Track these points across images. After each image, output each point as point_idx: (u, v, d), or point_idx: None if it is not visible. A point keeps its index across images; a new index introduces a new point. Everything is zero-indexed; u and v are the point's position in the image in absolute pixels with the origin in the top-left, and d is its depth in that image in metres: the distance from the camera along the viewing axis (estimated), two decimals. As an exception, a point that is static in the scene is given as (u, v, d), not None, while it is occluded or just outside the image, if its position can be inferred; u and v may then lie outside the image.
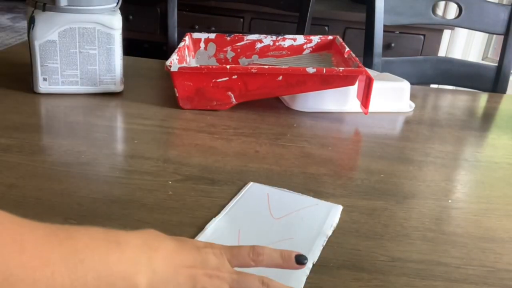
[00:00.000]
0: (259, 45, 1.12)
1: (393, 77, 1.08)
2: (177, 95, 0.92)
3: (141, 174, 0.69)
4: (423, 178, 0.75)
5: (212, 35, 1.12)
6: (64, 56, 0.91)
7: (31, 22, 0.88)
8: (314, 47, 1.13)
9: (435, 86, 1.67)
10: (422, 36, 2.03)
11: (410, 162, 0.80)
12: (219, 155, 0.77)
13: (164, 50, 1.52)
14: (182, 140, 0.82)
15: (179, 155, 0.75)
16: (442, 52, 2.18)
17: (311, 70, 0.90)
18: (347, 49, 1.04)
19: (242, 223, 0.59)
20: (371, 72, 0.98)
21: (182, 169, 0.71)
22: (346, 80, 0.93)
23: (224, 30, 1.48)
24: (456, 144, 0.91)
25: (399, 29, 1.99)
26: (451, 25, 1.78)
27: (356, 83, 0.94)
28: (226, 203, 0.63)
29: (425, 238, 0.60)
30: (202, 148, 0.78)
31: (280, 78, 0.91)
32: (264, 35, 1.12)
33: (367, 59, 1.31)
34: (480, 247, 0.59)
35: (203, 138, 0.82)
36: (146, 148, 0.77)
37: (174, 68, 0.88)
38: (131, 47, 1.28)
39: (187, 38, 1.08)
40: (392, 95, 1.03)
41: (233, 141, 0.82)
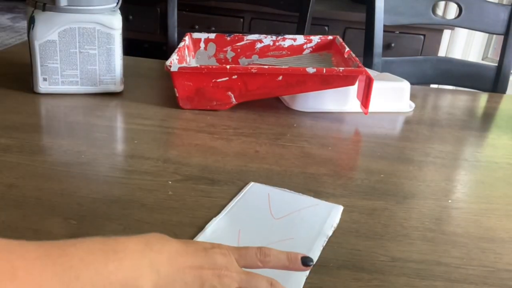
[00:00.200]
0: (259, 45, 1.12)
1: (393, 77, 1.08)
2: (177, 95, 0.92)
3: (141, 174, 0.69)
4: (423, 178, 0.75)
5: (212, 35, 1.12)
6: (64, 56, 0.91)
7: (31, 22, 0.88)
8: (314, 47, 1.13)
9: (435, 86, 1.67)
10: (422, 36, 2.03)
11: (410, 162, 0.80)
12: (219, 155, 0.77)
13: (164, 50, 1.52)
14: (182, 140, 0.82)
15: (179, 155, 0.75)
16: (442, 52, 2.18)
17: (311, 70, 0.90)
18: (347, 49, 1.04)
19: (242, 223, 0.59)
20: (371, 72, 0.98)
21: (182, 169, 0.71)
22: (346, 80, 0.93)
23: (224, 30, 1.48)
24: (456, 144, 0.91)
25: (399, 29, 1.99)
26: (451, 25, 1.78)
27: (356, 83, 0.94)
28: (226, 203, 0.63)
29: (425, 238, 0.60)
30: (202, 148, 0.78)
31: (280, 78, 0.91)
32: (264, 35, 1.12)
33: (367, 59, 1.31)
34: (480, 247, 0.59)
35: (203, 138, 0.82)
36: (146, 148, 0.77)
37: (174, 68, 0.88)
38: (131, 47, 1.28)
39: (187, 38, 1.08)
40: (392, 95, 1.03)
41: (233, 141, 0.82)
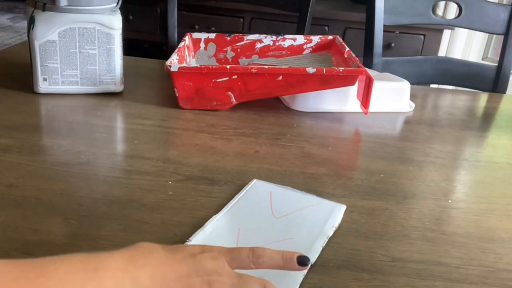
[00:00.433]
0: (259, 45, 1.12)
1: (393, 77, 1.08)
2: (177, 95, 0.92)
3: (141, 174, 0.69)
4: (423, 178, 0.75)
5: (212, 35, 1.12)
6: (64, 56, 0.91)
7: (31, 22, 0.88)
8: (314, 47, 1.13)
9: (435, 86, 1.67)
10: (422, 36, 2.03)
11: (410, 162, 0.80)
12: (219, 155, 0.77)
13: (164, 50, 1.52)
14: (182, 140, 0.82)
15: (179, 155, 0.75)
16: (442, 52, 2.18)
17: (311, 70, 0.90)
18: (347, 49, 1.04)
19: (242, 222, 0.59)
20: (371, 72, 0.98)
21: (182, 169, 0.71)
22: (346, 80, 0.93)
23: (224, 30, 1.48)
24: (456, 144, 0.91)
25: (399, 29, 1.99)
26: (451, 25, 1.78)
27: (356, 83, 0.94)
28: (226, 203, 0.63)
29: (425, 238, 0.60)
30: (202, 148, 0.78)
31: (280, 78, 0.91)
32: (264, 35, 1.12)
33: (367, 59, 1.31)
34: (480, 247, 0.59)
35: (203, 138, 0.82)
36: (146, 148, 0.77)
37: (174, 68, 0.88)
38: (131, 47, 1.28)
39: (187, 38, 1.08)
40: (392, 95, 1.03)
41: (233, 141, 0.82)
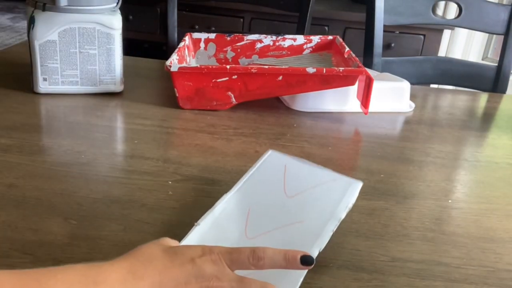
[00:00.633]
0: (259, 45, 1.12)
1: (393, 77, 1.08)
2: (177, 95, 0.92)
3: (141, 174, 0.69)
4: (423, 178, 0.75)
5: (212, 35, 1.12)
6: (64, 56, 0.91)
7: (31, 22, 0.88)
8: (314, 47, 1.13)
9: (435, 86, 1.67)
10: (422, 36, 2.03)
11: (410, 162, 0.80)
12: (219, 155, 0.77)
13: (164, 50, 1.52)
14: (182, 140, 0.82)
15: (179, 155, 0.75)
16: (442, 52, 2.18)
17: (311, 70, 0.90)
18: (347, 49, 1.04)
19: (253, 201, 0.57)
20: (371, 72, 0.98)
21: (182, 169, 0.71)
22: (346, 80, 0.93)
23: (224, 30, 1.48)
24: (456, 144, 0.91)
25: (399, 29, 1.99)
26: (451, 25, 1.78)
27: (356, 83, 0.94)
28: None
29: (425, 238, 0.60)
30: (202, 148, 0.78)
31: (280, 78, 0.91)
32: (264, 35, 1.12)
33: (367, 59, 1.30)
34: (480, 247, 0.59)
35: (203, 138, 0.82)
36: (146, 148, 0.77)
37: (174, 68, 0.88)
38: (131, 47, 1.28)
39: (187, 38, 1.08)
40: (392, 95, 1.03)
41: (233, 141, 0.82)
